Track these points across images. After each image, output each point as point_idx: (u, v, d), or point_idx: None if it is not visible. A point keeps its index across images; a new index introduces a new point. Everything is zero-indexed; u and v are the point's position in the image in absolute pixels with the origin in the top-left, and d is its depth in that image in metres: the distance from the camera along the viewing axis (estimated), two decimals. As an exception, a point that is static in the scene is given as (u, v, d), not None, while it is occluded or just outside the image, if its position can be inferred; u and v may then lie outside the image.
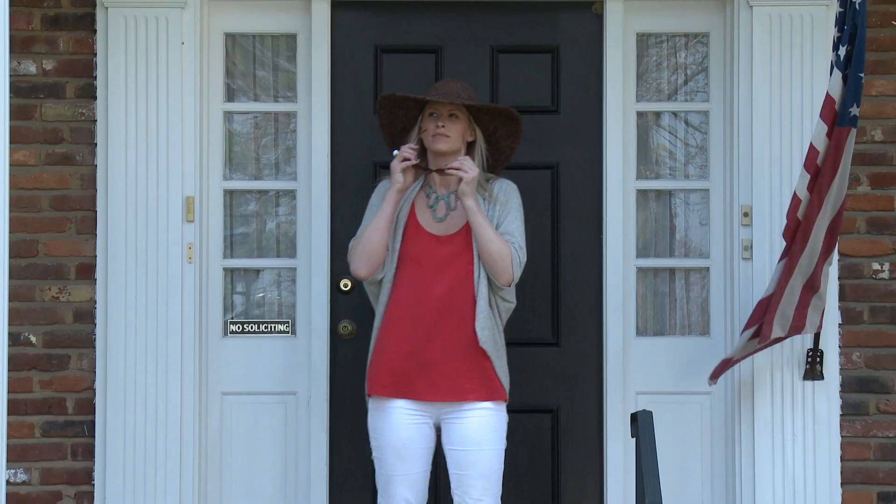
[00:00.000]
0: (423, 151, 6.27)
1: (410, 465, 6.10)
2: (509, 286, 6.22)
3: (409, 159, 6.10)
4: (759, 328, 6.68)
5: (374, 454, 6.16)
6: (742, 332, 6.82)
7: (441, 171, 6.20)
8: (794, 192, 6.67)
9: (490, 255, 6.08)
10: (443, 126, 6.18)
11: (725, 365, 6.90)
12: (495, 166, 6.41)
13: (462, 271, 6.16)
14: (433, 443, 6.17)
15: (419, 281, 6.15)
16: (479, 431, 6.08)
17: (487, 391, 6.10)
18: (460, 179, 6.10)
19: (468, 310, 6.13)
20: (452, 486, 6.14)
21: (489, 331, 6.12)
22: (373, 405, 6.17)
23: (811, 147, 6.60)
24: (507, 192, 6.29)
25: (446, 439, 6.12)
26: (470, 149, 6.29)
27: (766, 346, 6.82)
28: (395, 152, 6.15)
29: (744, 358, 6.88)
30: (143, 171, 7.07)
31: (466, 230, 6.18)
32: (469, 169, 6.07)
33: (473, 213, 6.08)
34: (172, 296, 7.04)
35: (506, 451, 6.19)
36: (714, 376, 6.93)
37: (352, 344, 7.06)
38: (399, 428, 6.08)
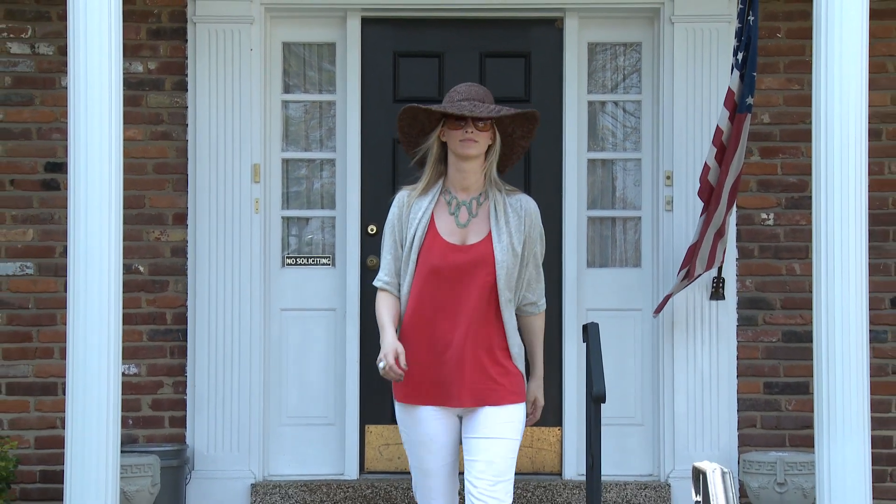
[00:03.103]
0: (443, 154, 4.82)
1: (439, 457, 4.79)
2: None
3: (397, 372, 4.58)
4: (689, 270, 6.74)
5: (405, 447, 4.90)
6: (678, 273, 6.83)
7: None
8: (705, 162, 6.70)
9: None
10: (472, 132, 4.75)
11: (665, 300, 6.92)
12: (505, 164, 4.95)
13: (484, 281, 4.70)
14: (458, 434, 4.84)
15: (439, 292, 4.71)
16: (497, 423, 4.71)
17: (510, 396, 4.75)
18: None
19: (492, 321, 4.74)
20: (466, 474, 4.78)
21: (516, 339, 4.80)
22: (399, 404, 4.85)
23: (717, 128, 6.63)
24: (537, 222, 4.84)
25: (465, 429, 4.78)
26: (488, 151, 4.83)
27: (692, 282, 6.84)
28: (381, 365, 4.57)
29: (678, 292, 6.90)
30: (222, 144, 7.08)
31: (488, 239, 4.74)
32: (535, 413, 4.95)
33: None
34: (244, 237, 7.07)
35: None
36: (658, 310, 6.97)
37: (376, 272, 7.08)
38: (425, 424, 4.76)
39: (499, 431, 4.71)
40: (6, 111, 7.06)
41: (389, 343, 4.62)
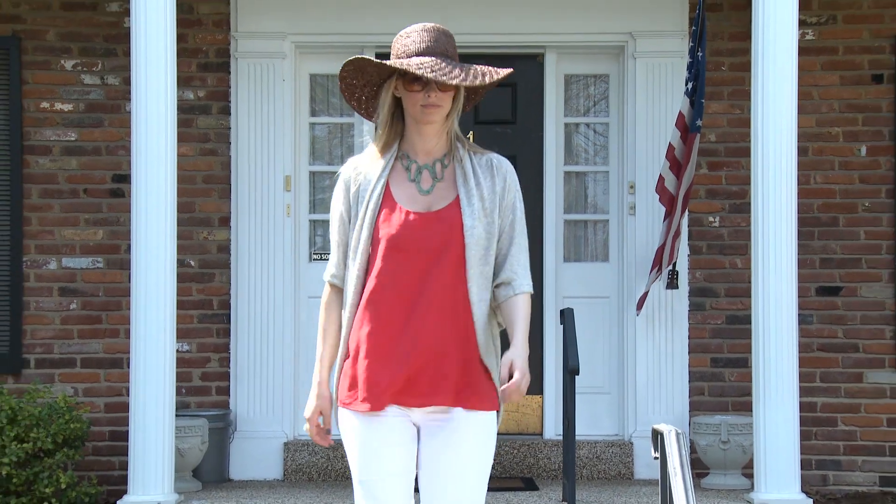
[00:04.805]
0: (399, 110, 3.32)
1: (395, 469, 3.26)
2: None
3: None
4: (659, 268, 6.72)
5: (350, 460, 3.32)
6: (649, 272, 6.80)
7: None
8: (660, 174, 6.72)
9: None
10: (435, 95, 3.24)
11: (643, 298, 6.88)
12: (464, 107, 3.42)
13: (456, 255, 3.23)
14: (415, 446, 3.28)
15: (402, 271, 3.22)
16: (466, 445, 3.22)
17: (478, 399, 3.24)
18: (445, 160, 3.34)
19: (463, 302, 3.24)
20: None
21: (484, 327, 3.27)
22: (347, 413, 3.29)
23: (670, 145, 6.65)
24: (514, 181, 3.36)
25: (423, 450, 3.26)
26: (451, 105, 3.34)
27: (659, 277, 6.80)
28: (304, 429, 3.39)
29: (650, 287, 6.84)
30: (259, 159, 7.05)
31: (457, 203, 3.27)
32: (522, 386, 3.18)
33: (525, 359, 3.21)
34: (277, 237, 7.06)
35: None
36: (639, 307, 6.92)
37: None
38: (383, 429, 3.24)
39: (465, 459, 3.22)
40: (80, 132, 7.06)
41: (312, 403, 3.31)
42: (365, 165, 3.34)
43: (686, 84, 6.57)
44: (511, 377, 3.19)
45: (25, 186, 7.01)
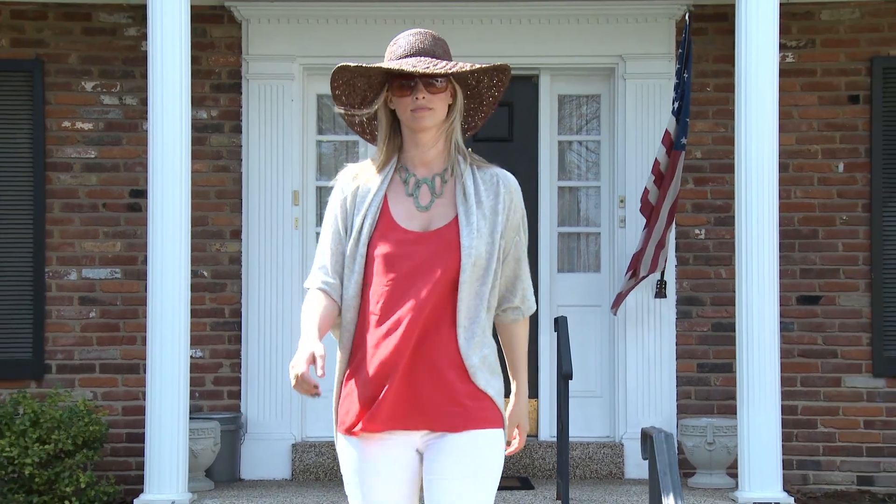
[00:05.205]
0: (396, 124, 3.04)
1: (395, 495, 2.96)
2: None
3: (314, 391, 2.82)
4: (634, 272, 6.76)
5: (349, 491, 2.99)
6: (625, 274, 6.81)
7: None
8: (645, 186, 6.73)
9: None
10: (424, 97, 2.94)
11: (618, 298, 6.90)
12: (474, 121, 3.18)
13: (453, 276, 2.92)
14: (419, 475, 2.98)
15: (397, 292, 2.91)
16: (465, 457, 2.92)
17: (474, 419, 2.93)
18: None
19: (456, 324, 2.93)
20: None
21: (477, 348, 2.95)
22: (343, 439, 2.98)
23: (655, 160, 6.67)
24: (519, 200, 3.12)
25: (428, 469, 2.94)
26: (449, 111, 3.03)
27: (637, 283, 6.81)
28: (292, 374, 2.81)
29: (628, 291, 6.85)
30: (269, 175, 7.05)
31: (455, 223, 2.96)
32: (520, 441, 3.18)
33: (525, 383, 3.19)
34: (286, 249, 7.06)
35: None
36: (614, 307, 6.94)
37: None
38: (380, 454, 2.94)
39: (467, 469, 2.91)
40: (100, 149, 7.09)
41: (304, 344, 2.86)
42: (363, 175, 3.04)
43: (673, 103, 6.61)
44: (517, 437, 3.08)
45: (48, 201, 7.04)
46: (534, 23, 7.08)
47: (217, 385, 7.06)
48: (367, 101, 3.04)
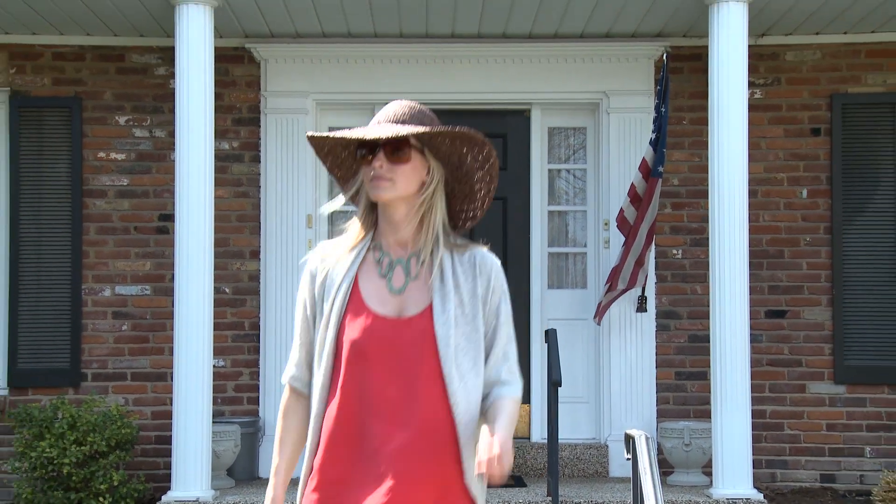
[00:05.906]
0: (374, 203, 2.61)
1: None
2: None
3: None
4: (612, 284, 6.77)
5: None
6: (604, 285, 6.82)
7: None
8: (621, 207, 6.72)
9: None
10: (382, 165, 2.51)
11: (599, 308, 6.89)
12: (463, 213, 2.63)
13: (429, 367, 2.46)
14: None
15: (369, 384, 2.47)
16: None
17: None
18: (419, 259, 2.57)
19: (444, 421, 2.45)
20: None
21: (469, 445, 2.47)
22: None
23: (632, 184, 6.66)
24: (499, 282, 2.57)
25: None
26: (423, 187, 2.57)
27: (617, 296, 6.80)
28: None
29: (609, 303, 6.83)
30: (285, 200, 7.04)
31: (429, 311, 2.50)
32: (505, 463, 2.36)
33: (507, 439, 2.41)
34: (301, 267, 7.09)
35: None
36: (597, 317, 6.92)
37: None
38: None
39: None
40: (132, 177, 7.11)
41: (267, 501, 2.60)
42: (333, 255, 2.59)
43: (651, 134, 6.66)
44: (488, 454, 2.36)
45: (84, 224, 7.06)
46: (526, 62, 7.12)
47: (238, 392, 7.05)
48: (352, 173, 2.62)
